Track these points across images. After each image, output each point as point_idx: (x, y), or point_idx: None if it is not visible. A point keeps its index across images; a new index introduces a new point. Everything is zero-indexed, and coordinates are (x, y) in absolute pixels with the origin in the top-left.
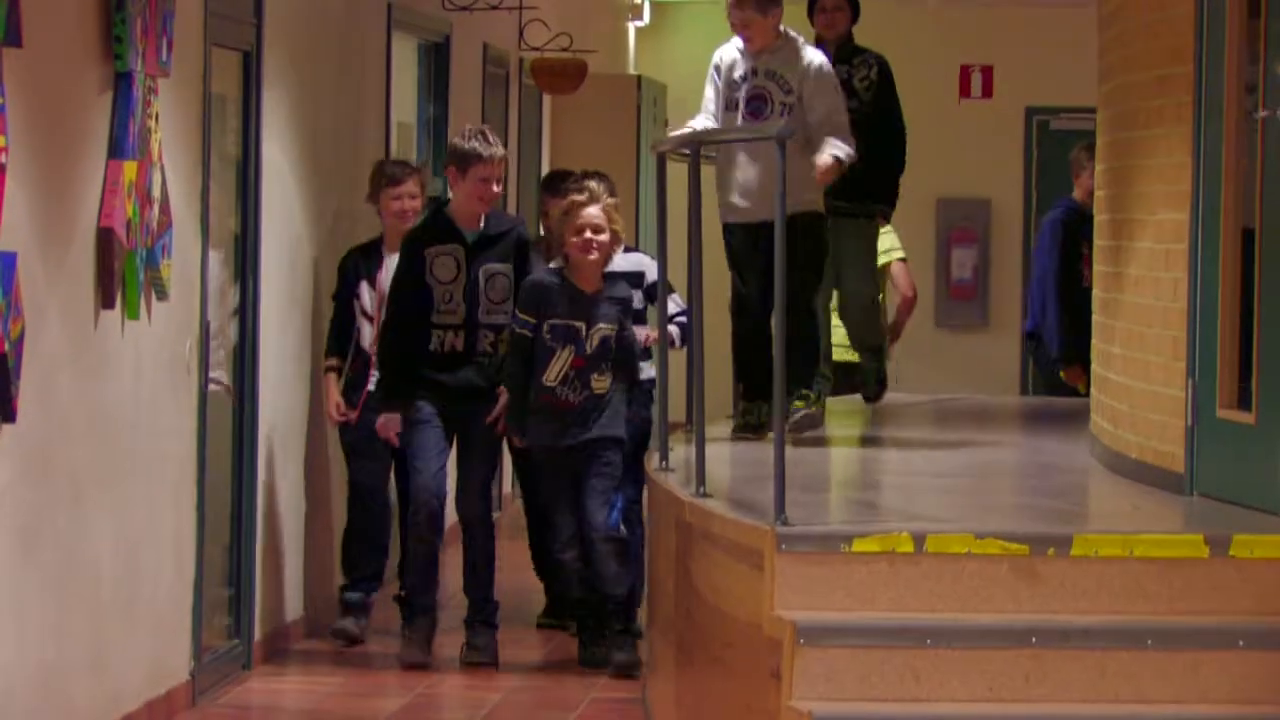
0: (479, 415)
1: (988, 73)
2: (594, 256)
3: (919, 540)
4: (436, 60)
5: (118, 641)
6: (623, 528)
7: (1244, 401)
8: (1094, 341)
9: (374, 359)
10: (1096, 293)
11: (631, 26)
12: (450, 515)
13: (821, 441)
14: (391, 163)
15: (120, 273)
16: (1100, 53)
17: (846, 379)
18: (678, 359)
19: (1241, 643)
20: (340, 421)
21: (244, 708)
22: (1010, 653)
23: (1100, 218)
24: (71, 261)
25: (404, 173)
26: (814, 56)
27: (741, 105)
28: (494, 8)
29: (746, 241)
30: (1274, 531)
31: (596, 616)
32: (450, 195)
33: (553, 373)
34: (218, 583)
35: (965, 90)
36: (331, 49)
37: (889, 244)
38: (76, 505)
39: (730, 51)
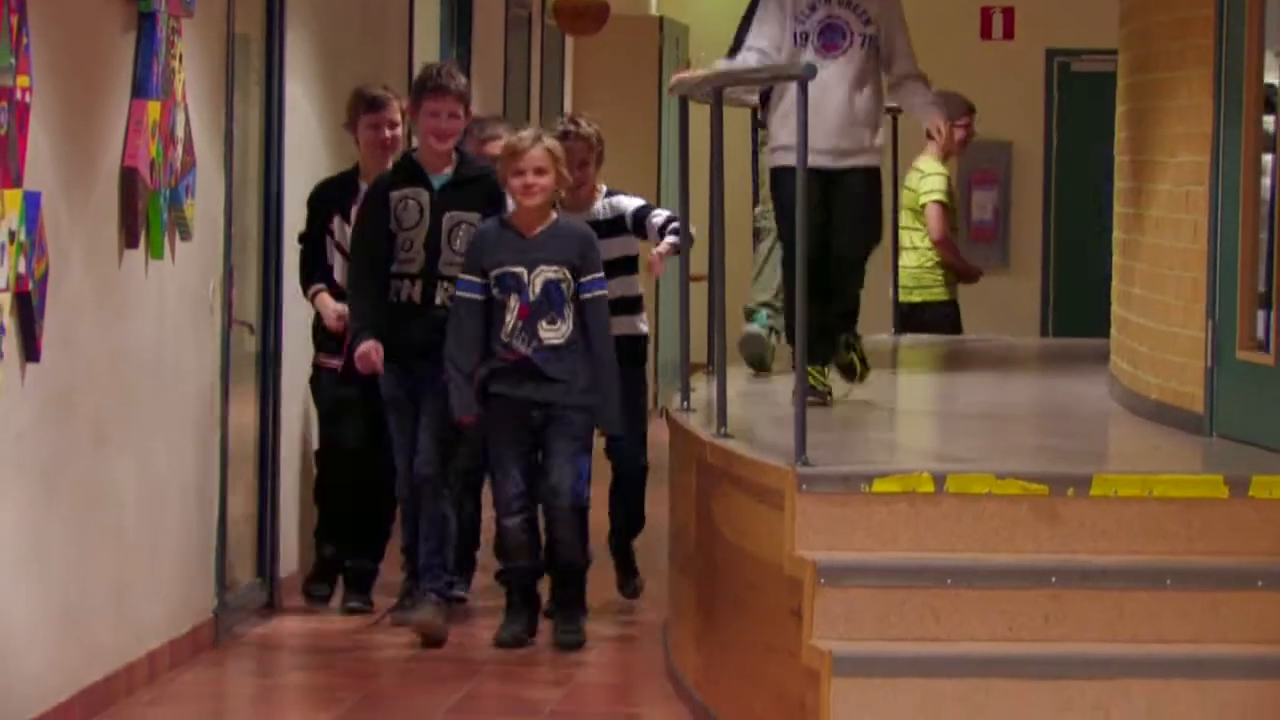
0: (435, 373)
1: (1009, 14)
2: (535, 200)
3: (939, 480)
4: (459, 3)
5: (141, 581)
6: (587, 496)
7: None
8: (1114, 283)
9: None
10: (1117, 234)
11: None
12: None
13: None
14: (371, 87)
15: (144, 213)
16: None
17: (910, 318)
18: (699, 300)
19: (1260, 583)
20: (340, 327)
21: (267, 646)
22: (1030, 592)
23: (1120, 159)
24: (95, 201)
25: (386, 97)
26: None
27: (813, 38)
28: None
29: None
30: None
31: (523, 588)
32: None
33: (508, 326)
34: (242, 522)
35: (986, 32)
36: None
37: (930, 186)
38: (99, 445)
39: None
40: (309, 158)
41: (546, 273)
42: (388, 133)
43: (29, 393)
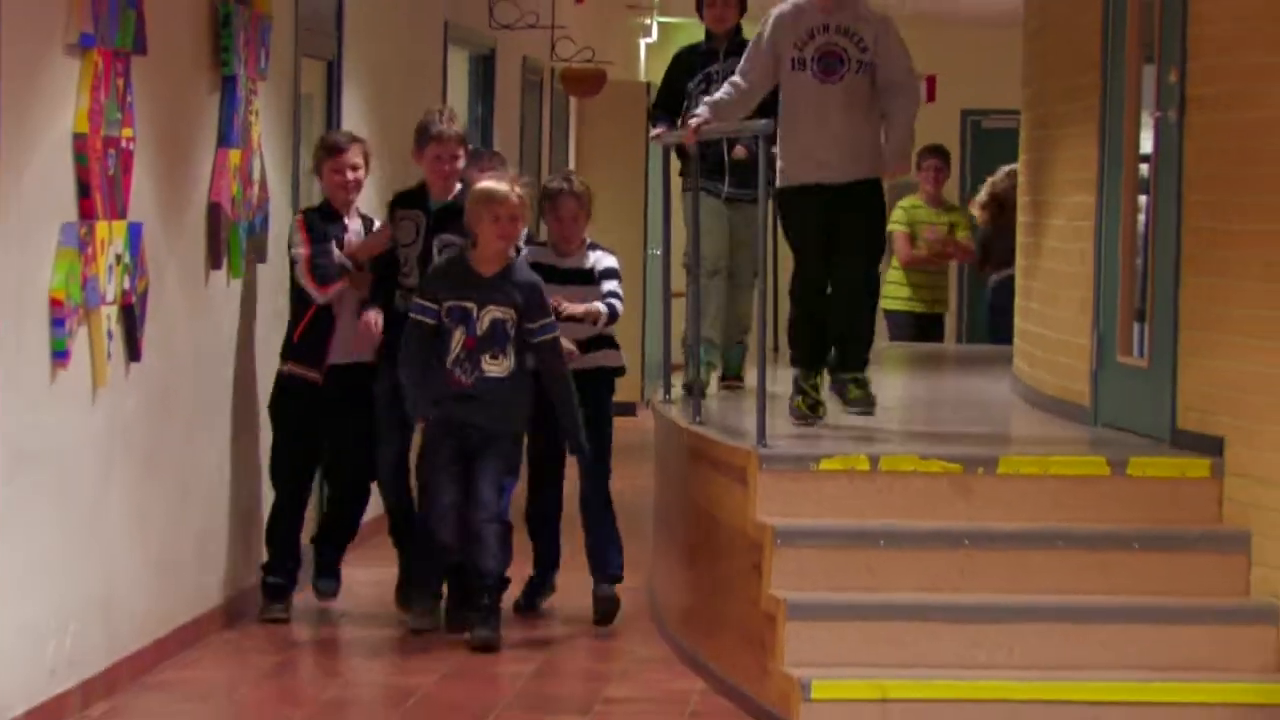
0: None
1: (931, 80)
2: (507, 244)
3: (874, 460)
4: (484, 69)
5: (220, 539)
6: (509, 512)
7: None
8: (1017, 300)
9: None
10: (1019, 260)
11: (642, 42)
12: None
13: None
14: (334, 133)
15: (226, 240)
16: (1024, 63)
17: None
18: (679, 313)
19: (1136, 545)
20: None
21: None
22: (947, 553)
23: (1022, 199)
24: (187, 230)
25: (346, 142)
26: (878, 11)
27: (811, 64)
28: (531, 26)
29: (809, 204)
30: (1163, 455)
31: (463, 588)
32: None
33: (451, 354)
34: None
35: None
36: (399, 59)
37: (891, 218)
38: (189, 431)
39: (788, 9)
40: (362, 194)
41: (495, 312)
42: (350, 175)
43: (133, 387)
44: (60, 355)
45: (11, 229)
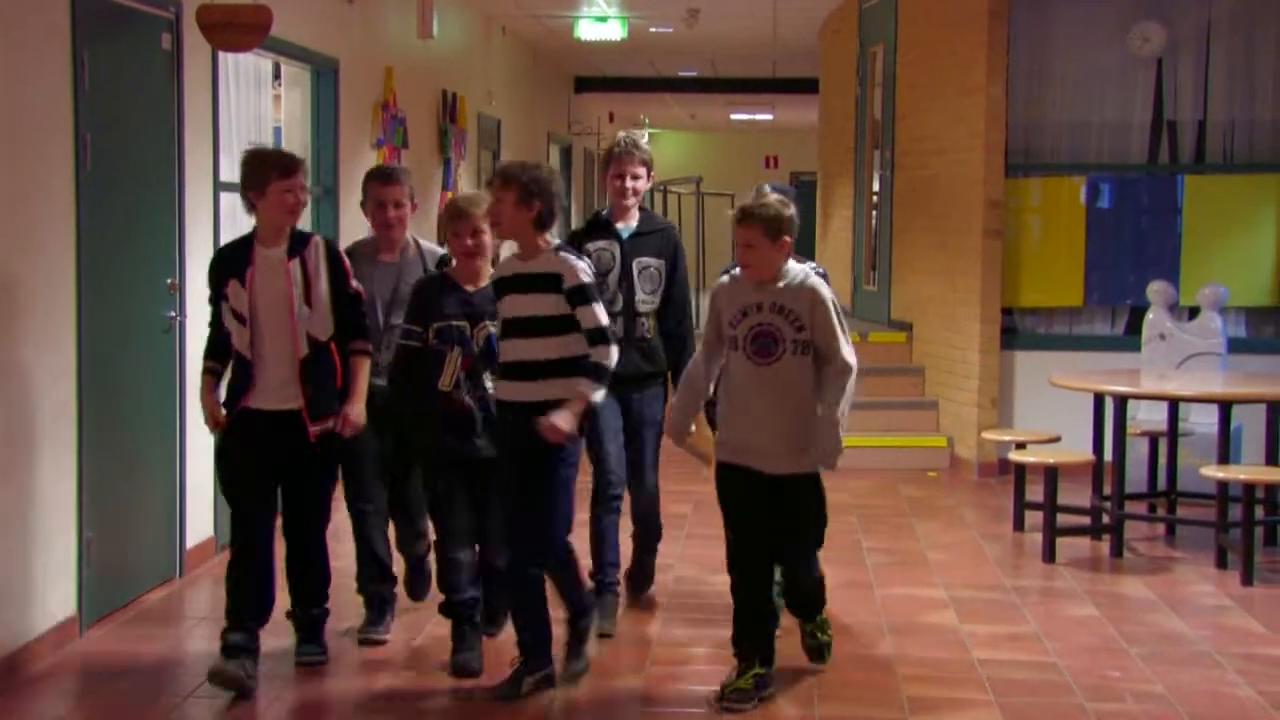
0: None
1: (776, 158)
2: (478, 258)
3: None
4: (566, 154)
5: None
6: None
7: (872, 280)
8: (815, 256)
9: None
10: (817, 242)
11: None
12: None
13: None
14: (286, 153)
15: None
16: (819, 149)
17: None
18: None
19: (873, 374)
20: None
21: None
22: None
23: (820, 213)
24: (426, 225)
25: (296, 165)
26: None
27: (745, 345)
28: (589, 134)
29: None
30: (885, 331)
31: (469, 618)
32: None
33: (446, 377)
34: None
35: (768, 164)
36: (527, 149)
37: None
38: None
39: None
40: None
41: (490, 328)
42: (303, 196)
43: None
44: None
45: (348, 224)
